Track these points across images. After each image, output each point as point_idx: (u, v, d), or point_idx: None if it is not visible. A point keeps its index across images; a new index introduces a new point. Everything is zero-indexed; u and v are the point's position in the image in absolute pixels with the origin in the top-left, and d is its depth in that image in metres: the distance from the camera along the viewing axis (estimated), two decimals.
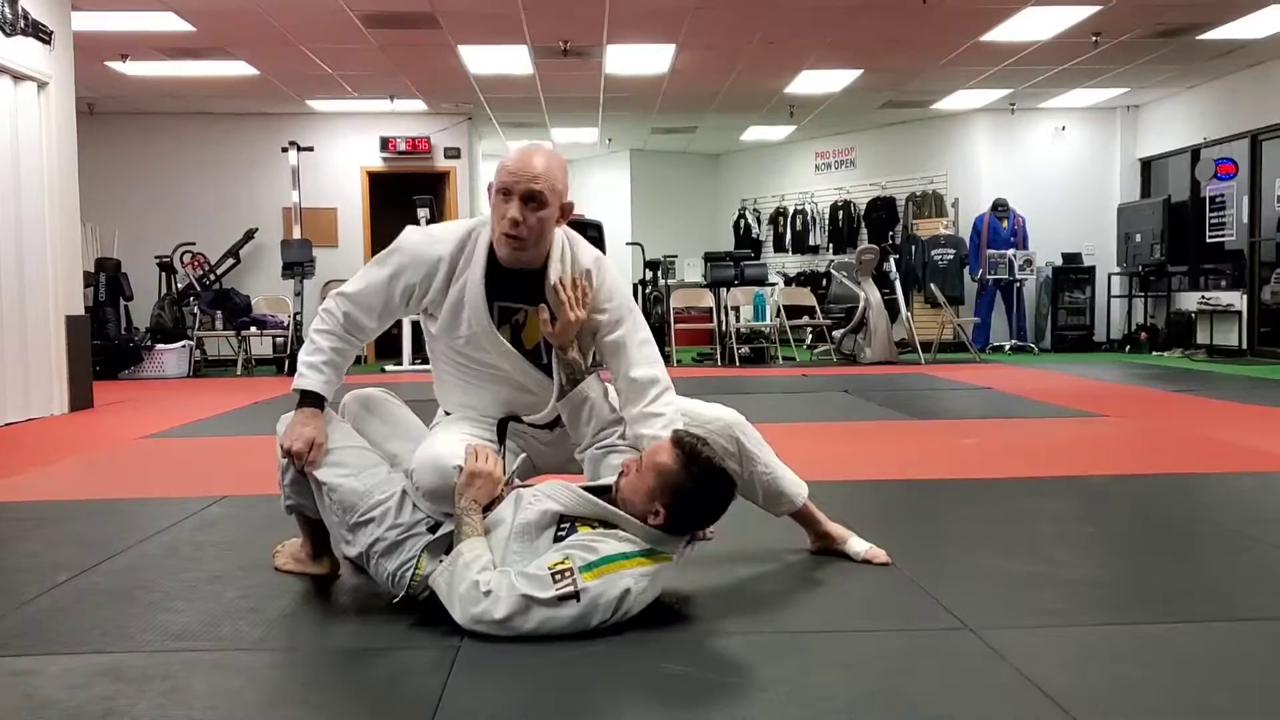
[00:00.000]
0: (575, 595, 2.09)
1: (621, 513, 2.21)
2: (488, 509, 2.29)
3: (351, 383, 2.73)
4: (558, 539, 2.20)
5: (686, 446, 2.21)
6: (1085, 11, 8.15)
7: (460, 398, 2.57)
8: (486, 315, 2.40)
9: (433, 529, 2.30)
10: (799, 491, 2.70)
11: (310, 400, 2.43)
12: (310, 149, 11.49)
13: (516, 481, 2.41)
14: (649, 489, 2.19)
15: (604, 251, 2.60)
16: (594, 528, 2.20)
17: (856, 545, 2.74)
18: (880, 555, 2.71)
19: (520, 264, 2.38)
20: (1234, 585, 2.55)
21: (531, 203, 2.30)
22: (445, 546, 2.26)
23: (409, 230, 2.52)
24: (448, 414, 2.61)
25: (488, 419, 2.55)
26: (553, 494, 2.26)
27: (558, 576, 2.09)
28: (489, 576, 2.13)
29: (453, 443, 2.37)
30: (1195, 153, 11.35)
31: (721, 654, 2.12)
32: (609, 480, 2.32)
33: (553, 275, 2.41)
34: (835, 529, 2.78)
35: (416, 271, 2.42)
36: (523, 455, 2.56)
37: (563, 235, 2.46)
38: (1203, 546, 3.00)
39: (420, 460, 2.33)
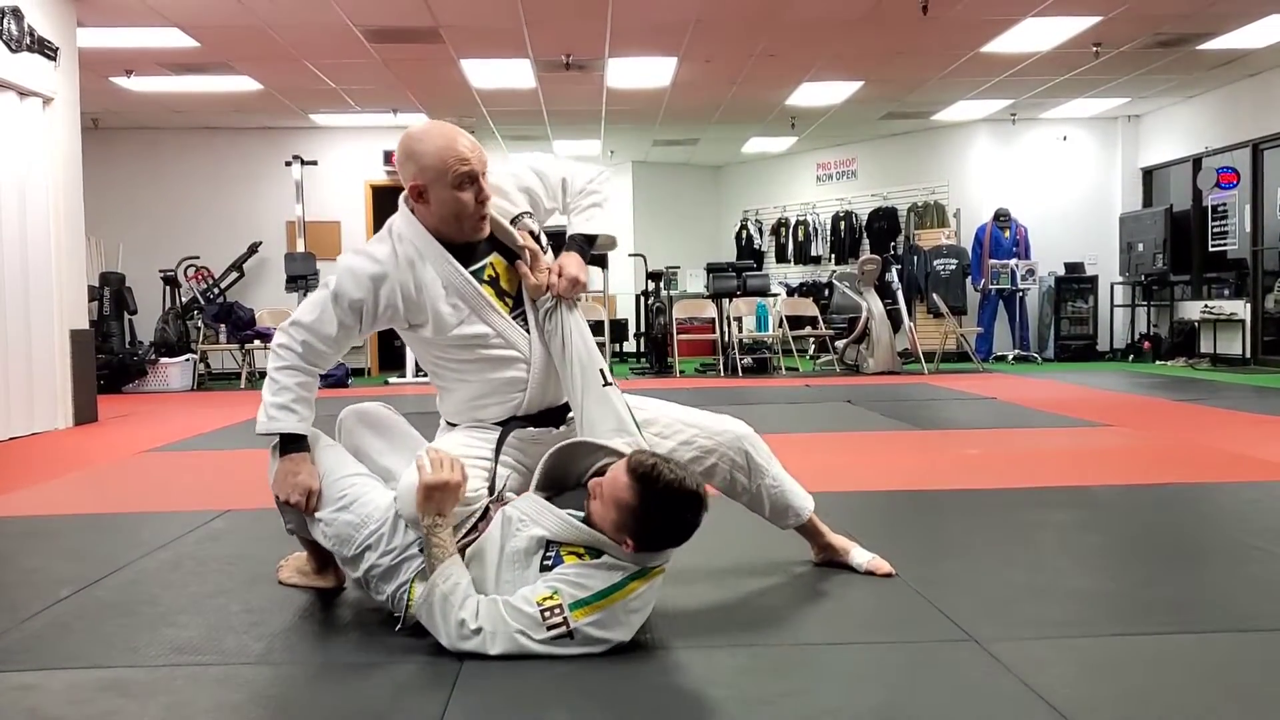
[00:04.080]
0: (569, 634, 2.06)
1: (603, 538, 2.14)
2: (473, 530, 2.26)
3: (353, 395, 2.73)
4: (544, 567, 2.14)
5: (640, 473, 2.09)
6: (1086, 22, 8.17)
7: (464, 395, 2.51)
8: (474, 287, 2.39)
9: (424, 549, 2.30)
10: (806, 505, 2.70)
11: (292, 442, 2.39)
12: (314, 163, 11.54)
13: (509, 497, 2.36)
14: (613, 521, 2.11)
15: (605, 266, 2.64)
16: (580, 554, 2.14)
17: (859, 556, 2.74)
18: (883, 566, 2.70)
19: (485, 235, 2.43)
20: (1239, 596, 2.55)
21: (484, 175, 2.37)
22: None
23: (344, 253, 2.52)
24: (451, 425, 2.57)
25: (488, 428, 2.49)
26: (539, 518, 2.20)
27: (547, 614, 2.06)
28: (473, 608, 2.10)
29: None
30: (1197, 162, 11.36)
31: (725, 666, 2.11)
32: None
33: (501, 220, 2.45)
34: (838, 540, 2.78)
35: (360, 286, 2.38)
36: (509, 473, 2.48)
37: None
38: (1208, 557, 3.00)
39: (401, 488, 2.29)
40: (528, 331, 2.44)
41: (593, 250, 2.60)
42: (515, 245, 2.45)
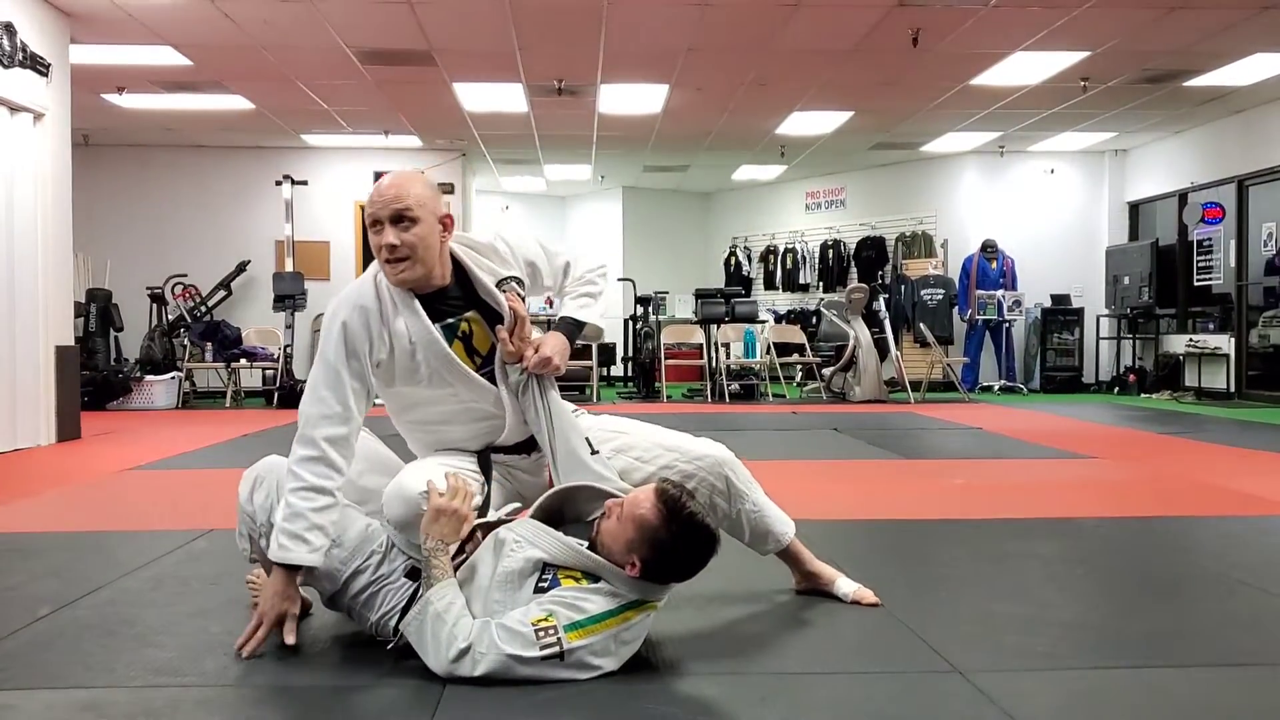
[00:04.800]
0: (560, 655, 2.05)
1: (605, 563, 2.15)
2: (461, 549, 2.26)
3: None
4: (539, 589, 2.13)
5: (669, 500, 2.14)
6: (1074, 57, 8.26)
7: (433, 442, 2.52)
8: (441, 342, 2.35)
9: (410, 574, 2.29)
10: (786, 530, 2.69)
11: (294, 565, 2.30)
12: (304, 183, 11.54)
13: (496, 518, 2.36)
14: (628, 539, 2.13)
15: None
16: (577, 579, 2.14)
17: (845, 585, 2.72)
18: (869, 596, 2.69)
19: (421, 283, 2.35)
20: (1222, 630, 2.55)
21: (402, 222, 2.30)
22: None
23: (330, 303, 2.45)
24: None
25: (467, 453, 2.51)
26: (536, 540, 2.19)
27: (541, 634, 2.05)
28: (465, 628, 2.09)
29: (424, 473, 2.32)
30: (1183, 197, 11.46)
31: (709, 695, 2.10)
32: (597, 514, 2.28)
33: (486, 280, 2.42)
34: (822, 568, 2.77)
35: (350, 318, 2.33)
36: (513, 503, 2.49)
37: (462, 251, 2.44)
38: (1192, 590, 3.00)
39: (389, 492, 2.32)
40: (496, 385, 2.42)
41: (579, 338, 2.59)
42: (499, 306, 2.41)
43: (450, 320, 2.39)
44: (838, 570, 2.78)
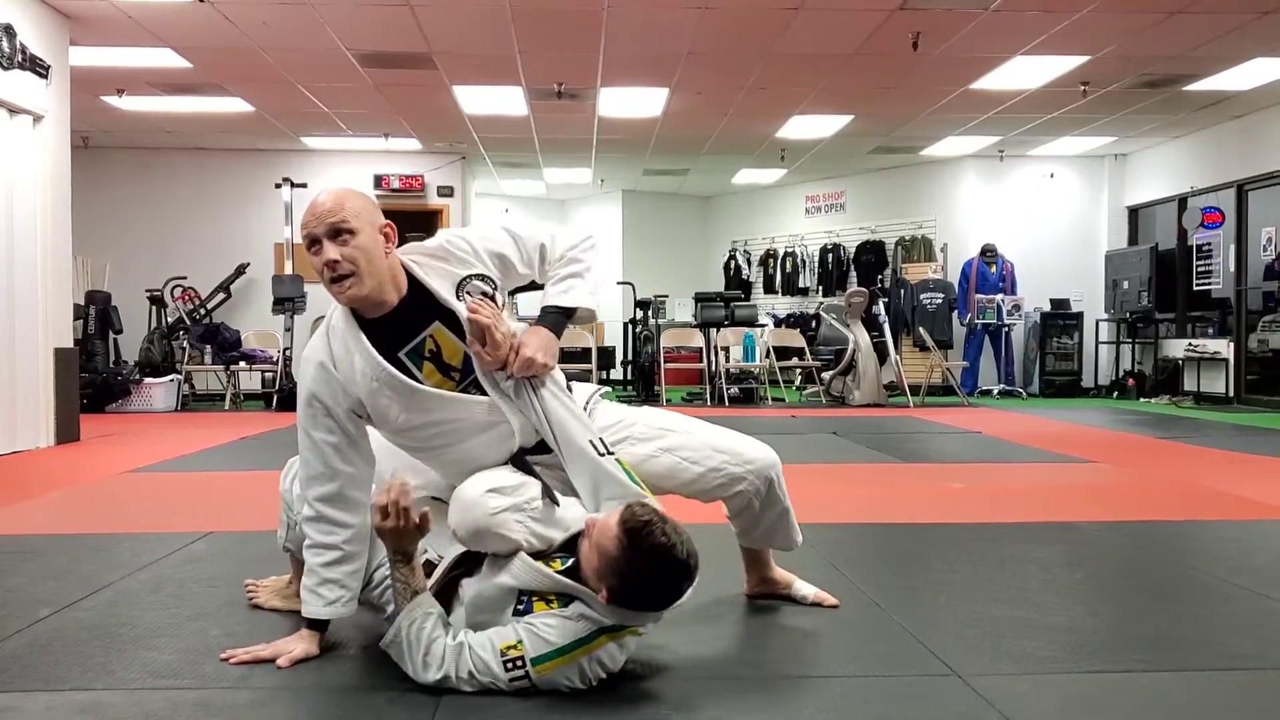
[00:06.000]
0: (531, 685, 2.03)
1: (579, 587, 2.06)
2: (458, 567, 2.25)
3: None
4: (517, 612, 2.09)
5: (631, 530, 1.98)
6: (1074, 61, 8.26)
7: (457, 468, 2.30)
8: (392, 372, 2.19)
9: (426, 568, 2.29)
10: (797, 537, 2.69)
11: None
12: (304, 185, 11.54)
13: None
14: (594, 567, 2.04)
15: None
16: (549, 603, 2.07)
17: (803, 588, 2.73)
18: (828, 598, 2.71)
19: (372, 302, 2.20)
20: (1220, 634, 2.55)
21: (340, 236, 2.16)
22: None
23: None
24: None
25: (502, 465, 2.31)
26: (507, 565, 2.12)
27: (509, 665, 2.02)
28: (438, 655, 2.06)
29: (482, 481, 2.20)
30: (1182, 201, 11.47)
31: (707, 699, 2.10)
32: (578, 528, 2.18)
33: (439, 286, 2.24)
34: (780, 573, 2.77)
35: (316, 385, 2.23)
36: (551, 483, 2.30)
37: (410, 261, 2.27)
38: (1190, 594, 3.00)
39: (451, 507, 2.20)
40: (485, 394, 2.25)
41: (571, 323, 2.38)
42: (461, 316, 2.23)
43: (415, 341, 2.23)
44: (793, 575, 2.78)
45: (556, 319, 2.32)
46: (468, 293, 2.26)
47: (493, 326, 2.20)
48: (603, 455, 2.26)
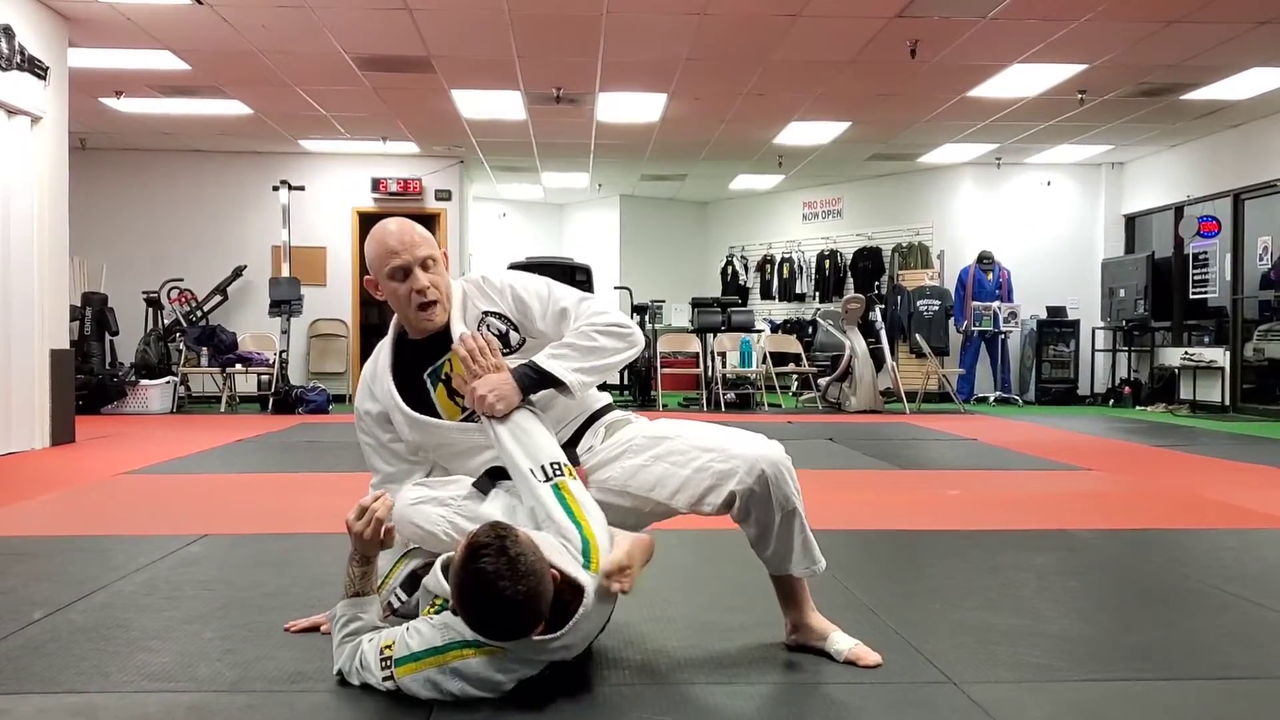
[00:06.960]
0: (398, 690, 2.02)
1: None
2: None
3: (335, 421, 2.71)
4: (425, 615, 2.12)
5: (469, 546, 1.91)
6: (1071, 70, 8.28)
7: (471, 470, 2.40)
8: (397, 398, 2.39)
9: (409, 582, 2.33)
10: (819, 560, 2.41)
11: None
12: (301, 188, 11.56)
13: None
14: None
15: (592, 291, 2.57)
16: (434, 606, 2.10)
17: (841, 641, 2.35)
18: (867, 656, 2.32)
19: (439, 326, 2.38)
20: (1215, 643, 2.55)
21: (430, 267, 2.35)
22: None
23: None
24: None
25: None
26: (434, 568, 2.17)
27: (384, 664, 2.04)
28: (344, 652, 2.14)
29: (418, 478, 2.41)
30: (1179, 210, 11.49)
31: (705, 705, 2.10)
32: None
33: (456, 326, 2.37)
34: (819, 621, 2.42)
35: (365, 399, 2.48)
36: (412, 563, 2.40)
37: (460, 285, 2.45)
38: (1184, 603, 3.00)
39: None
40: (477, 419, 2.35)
41: (551, 388, 2.31)
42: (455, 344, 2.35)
43: (437, 364, 2.39)
44: (834, 625, 2.42)
45: (524, 371, 2.28)
46: (485, 326, 2.40)
47: (468, 359, 2.27)
48: (544, 481, 2.17)
